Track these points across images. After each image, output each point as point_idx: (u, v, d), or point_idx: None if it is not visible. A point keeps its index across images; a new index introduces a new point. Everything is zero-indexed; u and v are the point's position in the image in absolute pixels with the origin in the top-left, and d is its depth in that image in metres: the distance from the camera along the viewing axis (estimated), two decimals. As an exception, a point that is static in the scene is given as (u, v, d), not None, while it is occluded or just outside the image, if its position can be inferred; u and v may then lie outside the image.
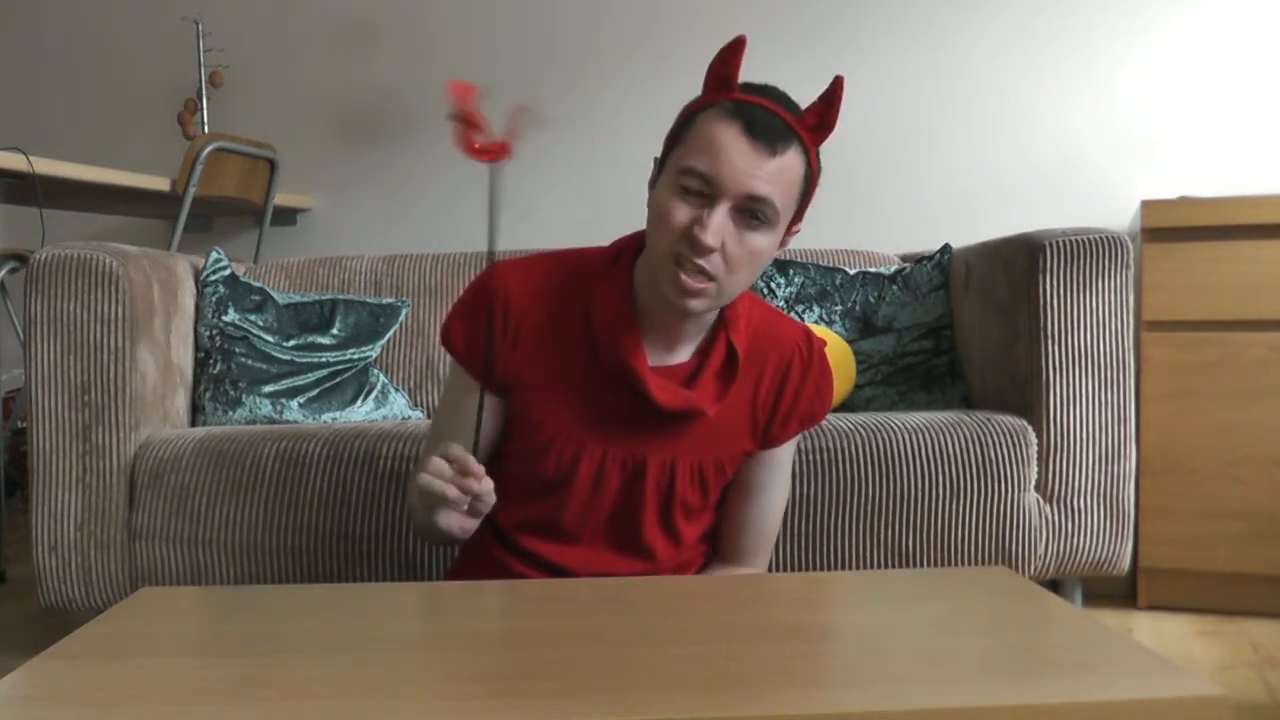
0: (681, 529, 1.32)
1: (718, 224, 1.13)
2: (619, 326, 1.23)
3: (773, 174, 1.14)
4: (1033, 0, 2.70)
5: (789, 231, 1.22)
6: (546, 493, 1.29)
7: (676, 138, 1.20)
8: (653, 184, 1.23)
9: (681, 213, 1.14)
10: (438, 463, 1.11)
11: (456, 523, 1.16)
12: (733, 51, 1.18)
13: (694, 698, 0.76)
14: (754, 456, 1.34)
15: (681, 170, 1.15)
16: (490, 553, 1.34)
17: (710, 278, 1.15)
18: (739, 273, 1.17)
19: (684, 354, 1.27)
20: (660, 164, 1.23)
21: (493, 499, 1.17)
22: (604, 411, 1.26)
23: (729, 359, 1.26)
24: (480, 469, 1.11)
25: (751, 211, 1.14)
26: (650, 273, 1.21)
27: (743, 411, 1.30)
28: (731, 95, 1.17)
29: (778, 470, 1.37)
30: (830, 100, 1.20)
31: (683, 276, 1.15)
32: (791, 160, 1.16)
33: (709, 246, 1.13)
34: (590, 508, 1.29)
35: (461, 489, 1.11)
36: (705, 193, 1.14)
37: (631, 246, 1.28)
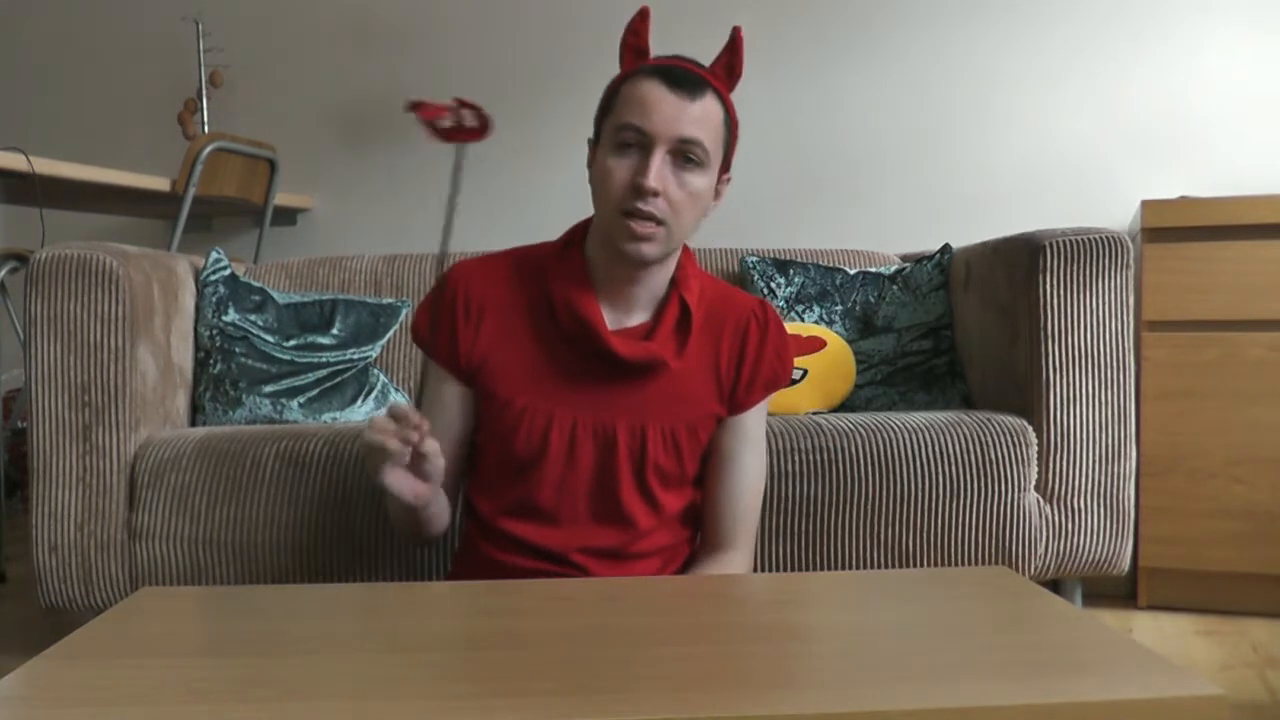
0: (660, 496, 1.34)
1: (657, 168, 1.23)
2: (576, 292, 1.30)
3: (697, 117, 1.24)
4: (1033, 2, 2.70)
5: (721, 181, 1.32)
6: (522, 471, 1.31)
7: (605, 110, 1.30)
8: (591, 162, 1.32)
9: (622, 168, 1.24)
10: (380, 418, 1.16)
11: (407, 487, 1.19)
12: (640, 22, 1.31)
13: (694, 698, 0.76)
14: (724, 425, 1.38)
15: (616, 129, 1.25)
16: (479, 549, 1.35)
17: (658, 222, 1.24)
18: (683, 214, 1.26)
19: (640, 316, 1.34)
20: (594, 142, 1.32)
21: (440, 461, 1.20)
22: (570, 380, 1.32)
23: (683, 316, 1.33)
24: (424, 422, 1.16)
25: (685, 155, 1.24)
26: (601, 235, 1.30)
27: (707, 374, 1.35)
28: (647, 61, 1.29)
29: (749, 440, 1.40)
30: (733, 50, 1.30)
31: (632, 224, 1.24)
32: (711, 105, 1.27)
33: (652, 188, 1.22)
34: (566, 481, 1.31)
35: (402, 440, 1.15)
36: (641, 143, 1.24)
37: (581, 229, 1.36)
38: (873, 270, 2.27)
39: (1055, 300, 1.81)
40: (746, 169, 2.83)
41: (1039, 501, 1.80)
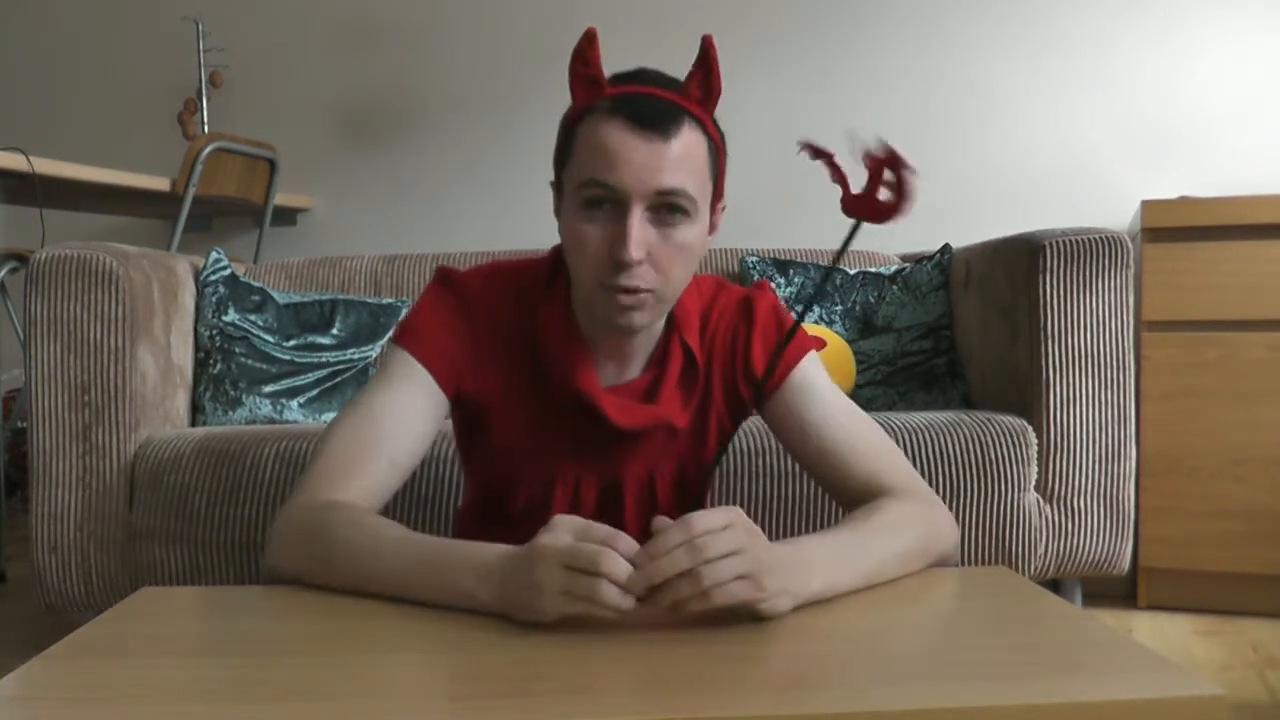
0: None
1: (636, 234, 1.02)
2: (566, 351, 1.14)
3: (676, 160, 1.03)
4: (1033, 1, 2.70)
5: (714, 211, 1.12)
6: (521, 522, 1.19)
7: (563, 154, 1.09)
8: (558, 210, 1.12)
9: (595, 235, 1.04)
10: (613, 559, 0.84)
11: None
12: (588, 46, 1.08)
13: (694, 698, 0.76)
14: (776, 407, 1.18)
15: (580, 185, 1.04)
16: None
17: (644, 290, 1.05)
18: (673, 273, 1.07)
19: (637, 369, 1.18)
20: (557, 187, 1.12)
21: None
22: (566, 435, 1.17)
23: (688, 365, 1.18)
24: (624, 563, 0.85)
25: (667, 206, 1.04)
26: (583, 301, 1.12)
27: (714, 406, 1.21)
28: (604, 93, 1.06)
29: (812, 395, 1.17)
30: (706, 65, 1.07)
31: (616, 297, 1.05)
32: (690, 139, 1.05)
33: (633, 260, 1.02)
34: None
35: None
36: (613, 200, 1.03)
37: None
38: (873, 270, 2.27)
39: (1055, 300, 1.81)
40: (747, 169, 2.83)
41: (1039, 501, 1.80)
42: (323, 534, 1.01)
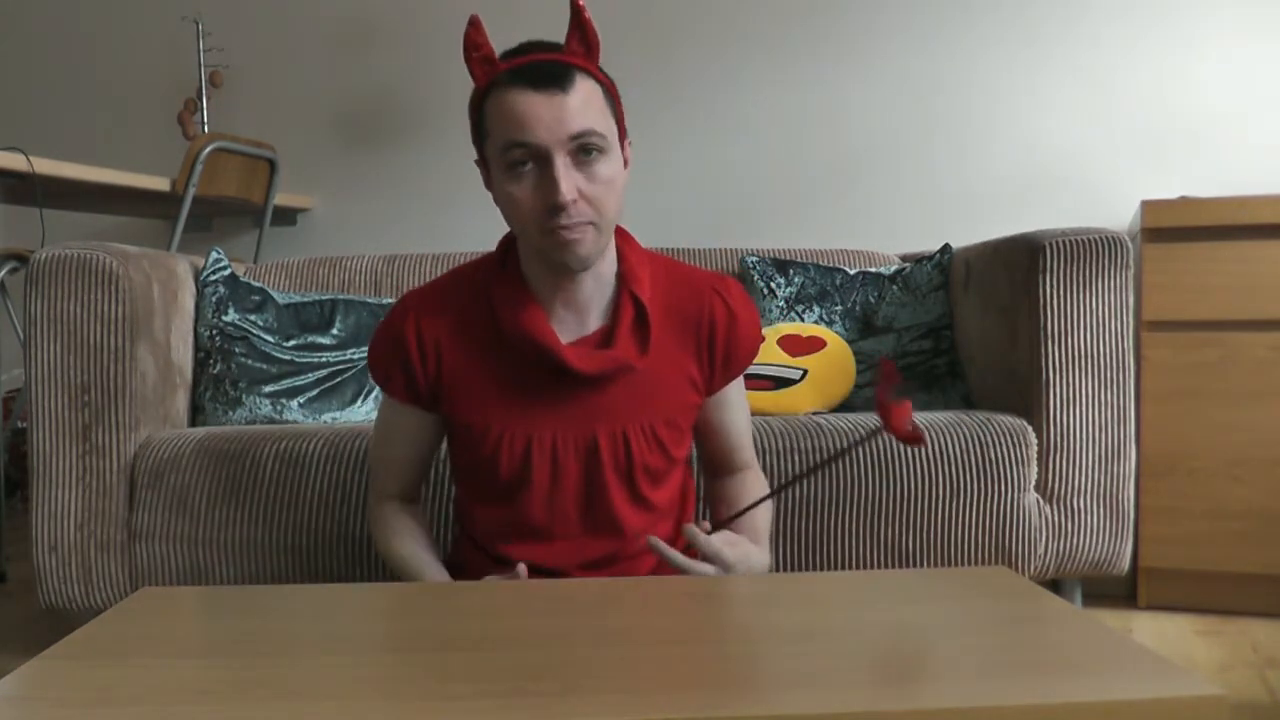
0: (649, 495, 1.32)
1: (564, 179, 1.16)
2: (523, 313, 1.26)
3: (579, 107, 1.17)
4: (1033, 3, 2.70)
5: (625, 149, 1.26)
6: (509, 494, 1.30)
7: (480, 132, 1.24)
8: (488, 183, 1.26)
9: (526, 190, 1.18)
10: None
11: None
12: (475, 31, 1.24)
13: (694, 698, 0.76)
14: (708, 401, 1.38)
15: (502, 150, 1.19)
16: (478, 570, 1.34)
17: (585, 223, 1.19)
18: (606, 206, 1.20)
19: (593, 324, 1.29)
20: (482, 163, 1.27)
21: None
22: (541, 397, 1.28)
23: (639, 314, 1.29)
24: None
25: (583, 148, 1.18)
26: (533, 254, 1.25)
27: (677, 366, 1.32)
28: (498, 68, 1.21)
29: (733, 395, 1.41)
30: (580, 23, 1.23)
31: (560, 234, 1.18)
32: (586, 87, 1.20)
33: (567, 200, 1.16)
34: (554, 498, 1.30)
35: None
36: (535, 156, 1.17)
37: (514, 243, 1.32)
38: (873, 270, 2.27)
39: (1055, 300, 1.81)
40: (746, 169, 2.85)
41: (1039, 501, 1.80)
42: (381, 545, 1.38)
